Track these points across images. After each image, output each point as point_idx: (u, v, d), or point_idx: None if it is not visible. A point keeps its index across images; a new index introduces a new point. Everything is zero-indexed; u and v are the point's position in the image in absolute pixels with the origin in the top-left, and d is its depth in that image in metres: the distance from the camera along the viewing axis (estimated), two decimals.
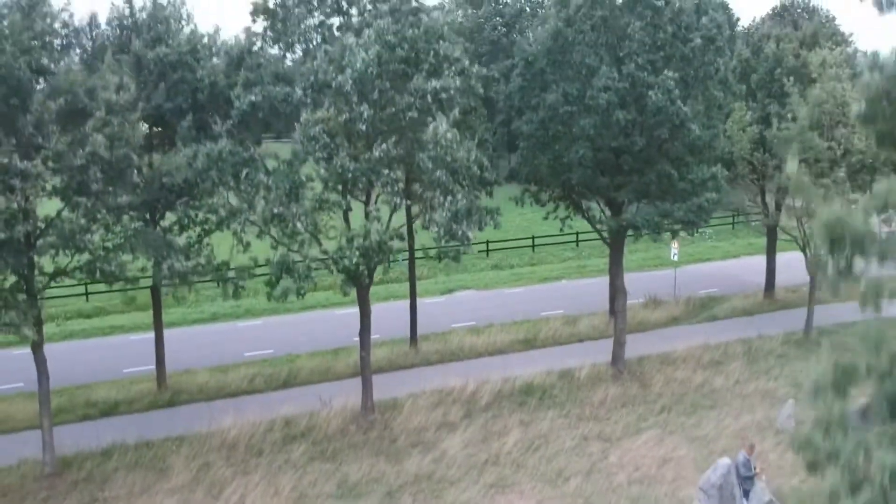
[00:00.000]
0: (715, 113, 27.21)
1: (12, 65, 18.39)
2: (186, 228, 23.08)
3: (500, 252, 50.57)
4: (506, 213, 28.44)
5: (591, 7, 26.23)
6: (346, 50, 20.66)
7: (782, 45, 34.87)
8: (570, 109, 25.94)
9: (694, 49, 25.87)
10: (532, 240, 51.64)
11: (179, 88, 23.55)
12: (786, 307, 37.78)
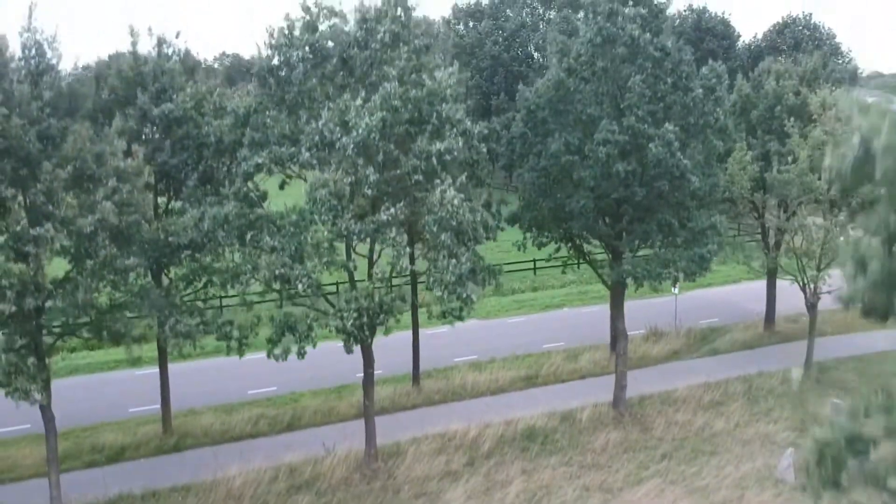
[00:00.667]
0: (715, 161, 27.42)
1: (22, 137, 18.64)
2: (192, 283, 23.32)
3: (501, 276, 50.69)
4: (506, 233, 28.73)
5: (592, 57, 26.45)
6: (351, 111, 20.88)
7: (782, 82, 35.07)
8: (571, 159, 26.17)
9: (694, 99, 26.09)
10: (533, 262, 51.82)
11: (185, 144, 23.80)
12: (786, 339, 38.01)
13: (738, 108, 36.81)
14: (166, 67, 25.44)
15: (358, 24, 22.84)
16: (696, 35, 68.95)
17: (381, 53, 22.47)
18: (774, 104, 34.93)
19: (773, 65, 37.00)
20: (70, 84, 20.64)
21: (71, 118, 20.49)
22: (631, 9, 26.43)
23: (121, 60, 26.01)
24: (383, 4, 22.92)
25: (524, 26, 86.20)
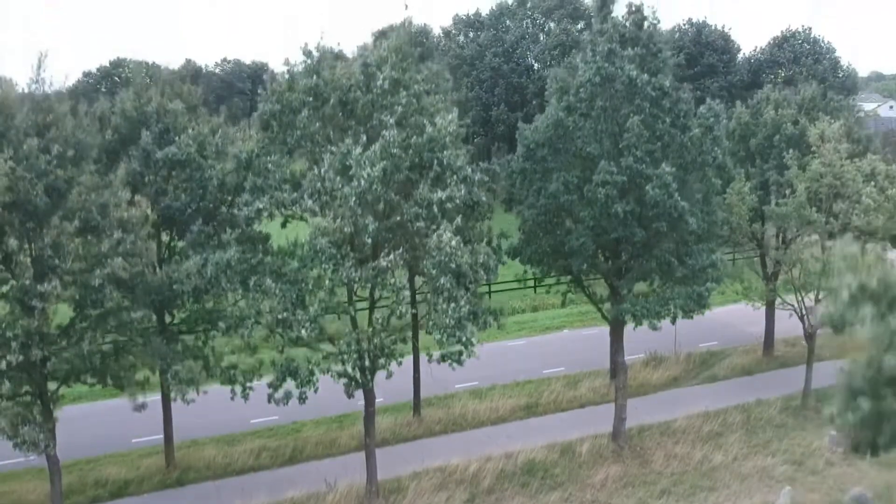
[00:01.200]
0: (713, 198, 27.61)
1: (30, 191, 18.87)
2: (194, 327, 23.56)
3: (501, 294, 50.98)
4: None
5: (591, 96, 26.66)
6: (352, 159, 21.10)
7: (781, 112, 35.27)
8: (570, 198, 26.38)
9: (692, 138, 26.29)
10: (534, 280, 51.96)
11: (187, 186, 24.02)
12: (785, 365, 38.23)
13: (737, 135, 37.05)
14: (169, 108, 25.64)
15: (360, 68, 23.04)
16: (696, 49, 69.17)
17: (381, 98, 22.67)
18: (773, 133, 35.16)
19: (772, 93, 37.16)
20: (77, 136, 20.73)
21: (77, 168, 20.67)
22: (629, 50, 26.59)
23: (124, 100, 26.21)
24: (384, 51, 23.12)
25: (524, 38, 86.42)
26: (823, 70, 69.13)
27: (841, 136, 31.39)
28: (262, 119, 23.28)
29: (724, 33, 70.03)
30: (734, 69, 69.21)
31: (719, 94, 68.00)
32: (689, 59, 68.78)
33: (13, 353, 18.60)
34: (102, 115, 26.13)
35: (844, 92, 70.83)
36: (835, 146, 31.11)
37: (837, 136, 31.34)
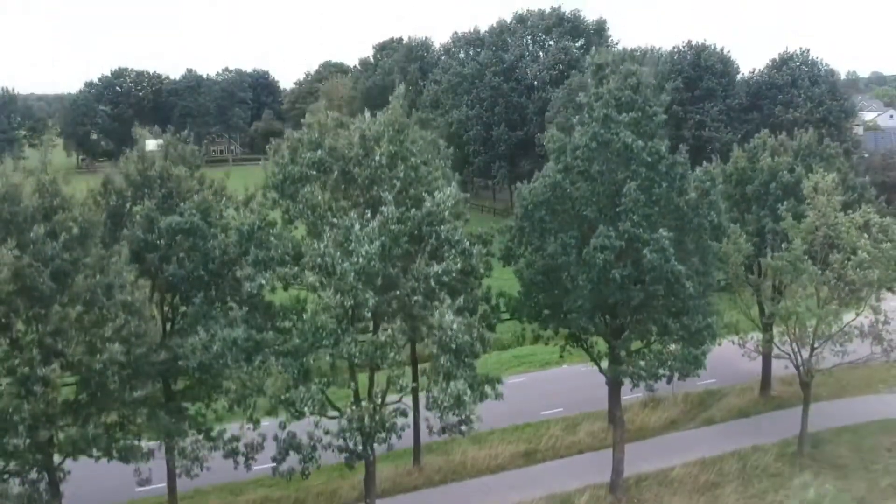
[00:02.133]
0: (710, 260, 27.94)
1: (36, 278, 19.26)
2: (198, 398, 23.95)
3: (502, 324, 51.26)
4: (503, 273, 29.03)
5: (588, 160, 27.02)
6: (352, 235, 21.49)
7: (777, 159, 35.63)
8: (568, 260, 26.75)
9: (688, 201, 26.65)
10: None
11: (191, 256, 24.40)
12: (781, 406, 38.58)
13: (734, 180, 37.45)
14: (173, 172, 26.02)
15: (359, 142, 23.43)
16: (695, 73, 69.52)
17: (380, 172, 23.06)
18: (769, 180, 35.54)
19: (769, 139, 37.52)
20: (84, 216, 21.14)
21: (83, 246, 21.06)
22: (625, 115, 26.91)
23: (128, 163, 26.59)
24: (381, 126, 23.50)
25: (523, 57, 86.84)
26: (821, 93, 69.44)
27: (835, 189, 31.75)
28: (265, 189, 23.77)
29: (723, 56, 70.39)
30: (733, 93, 69.50)
31: (718, 117, 68.48)
32: (688, 83, 69.18)
33: (20, 437, 18.99)
34: (107, 180, 26.47)
35: (843, 114, 71.33)
36: (829, 198, 31.49)
37: (831, 188, 31.70)
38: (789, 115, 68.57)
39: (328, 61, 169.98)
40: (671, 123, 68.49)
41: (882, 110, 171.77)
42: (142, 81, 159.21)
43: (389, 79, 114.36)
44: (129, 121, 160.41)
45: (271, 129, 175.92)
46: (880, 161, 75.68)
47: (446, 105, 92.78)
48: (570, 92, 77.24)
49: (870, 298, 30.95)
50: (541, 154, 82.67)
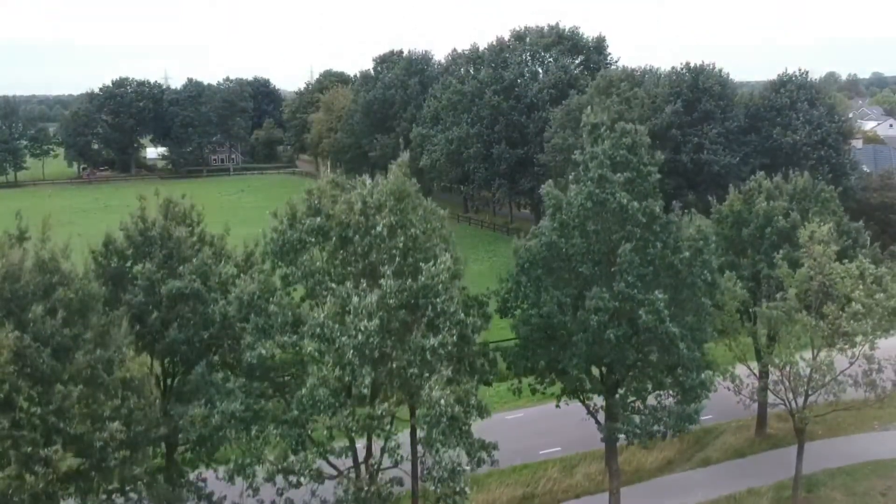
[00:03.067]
0: (704, 318, 28.20)
1: (36, 358, 19.58)
2: (198, 465, 24.29)
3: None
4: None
5: (584, 219, 27.30)
6: (349, 306, 21.78)
7: (772, 204, 35.89)
8: (564, 319, 27.04)
9: (682, 260, 26.92)
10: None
11: (191, 320, 24.70)
12: (777, 445, 38.87)
13: (730, 222, 37.73)
14: (174, 234, 26.32)
15: (360, 209, 23.70)
16: (694, 95, 69.77)
17: (379, 242, 23.34)
18: (765, 225, 35.80)
19: (765, 181, 37.78)
20: (84, 289, 21.45)
21: (84, 319, 21.37)
22: (620, 175, 27.17)
23: (129, 226, 26.91)
24: (382, 196, 23.77)
25: (523, 75, 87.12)
26: (820, 115, 69.67)
27: (830, 239, 32.01)
28: (264, 255, 24.12)
29: (721, 78, 70.64)
30: (731, 115, 69.75)
31: (717, 140, 68.71)
32: (687, 105, 69.41)
33: None
34: (108, 240, 26.79)
35: (841, 136, 71.56)
36: (824, 248, 31.75)
37: (827, 238, 31.97)
38: (788, 137, 68.81)
39: (329, 70, 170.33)
40: (669, 146, 68.81)
41: (882, 118, 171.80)
42: (143, 91, 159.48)
43: (390, 93, 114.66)
44: (130, 130, 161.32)
45: (272, 138, 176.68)
46: (879, 181, 75.83)
47: (446, 122, 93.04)
48: (568, 112, 77.54)
49: (864, 348, 31.23)
50: (540, 173, 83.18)
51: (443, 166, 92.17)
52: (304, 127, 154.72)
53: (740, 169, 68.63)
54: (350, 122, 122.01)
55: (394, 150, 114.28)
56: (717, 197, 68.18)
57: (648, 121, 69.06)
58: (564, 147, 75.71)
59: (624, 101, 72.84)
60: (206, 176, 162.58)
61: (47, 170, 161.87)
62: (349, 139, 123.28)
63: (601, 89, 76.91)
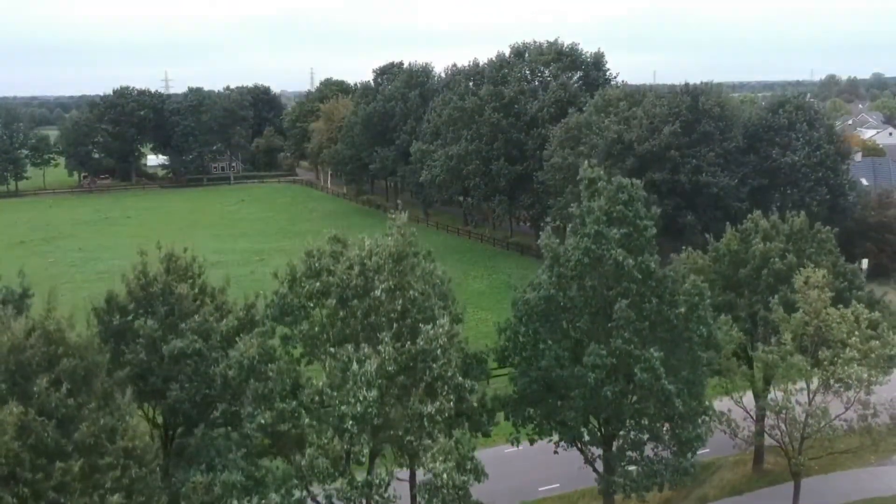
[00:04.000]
0: (700, 371, 28.48)
1: (41, 432, 19.86)
2: None
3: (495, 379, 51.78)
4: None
5: (581, 274, 27.59)
6: (349, 374, 22.08)
7: (769, 245, 36.16)
8: (561, 374, 27.35)
9: (678, 315, 27.21)
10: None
11: (193, 380, 25.01)
12: (774, 482, 39.08)
13: (727, 261, 37.99)
14: (176, 291, 26.63)
15: (359, 272, 24.00)
16: (692, 116, 70.00)
17: (377, 304, 23.65)
18: (761, 266, 36.07)
19: (761, 220, 38.04)
20: (88, 357, 21.75)
21: (87, 386, 21.66)
22: (616, 230, 27.43)
23: (131, 282, 27.22)
24: (381, 260, 24.08)
25: (522, 93, 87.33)
26: (819, 137, 69.94)
27: (825, 283, 32.31)
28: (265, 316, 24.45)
29: (720, 101, 70.89)
30: (730, 136, 70.01)
31: (715, 161, 68.96)
32: (685, 126, 69.64)
33: None
34: (110, 297, 27.10)
35: (839, 157, 71.84)
36: (819, 293, 32.05)
37: (822, 283, 32.28)
38: (787, 158, 69.08)
39: (329, 79, 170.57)
40: (668, 168, 69.12)
41: (882, 126, 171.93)
42: (144, 100, 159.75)
43: (390, 105, 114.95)
44: (131, 139, 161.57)
45: (272, 146, 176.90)
46: (877, 200, 76.12)
47: (447, 137, 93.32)
48: (567, 131, 77.83)
49: (860, 393, 31.55)
50: (540, 190, 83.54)
51: (442, 182, 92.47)
52: (305, 136, 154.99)
53: (739, 190, 69.00)
54: (350, 134, 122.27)
55: (393, 162, 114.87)
56: (714, 218, 69.26)
57: (647, 141, 69.55)
58: (563, 166, 76.06)
59: (623, 121, 73.22)
60: (206, 185, 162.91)
61: (48, 178, 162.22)
62: (349, 151, 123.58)
63: (600, 108, 77.26)
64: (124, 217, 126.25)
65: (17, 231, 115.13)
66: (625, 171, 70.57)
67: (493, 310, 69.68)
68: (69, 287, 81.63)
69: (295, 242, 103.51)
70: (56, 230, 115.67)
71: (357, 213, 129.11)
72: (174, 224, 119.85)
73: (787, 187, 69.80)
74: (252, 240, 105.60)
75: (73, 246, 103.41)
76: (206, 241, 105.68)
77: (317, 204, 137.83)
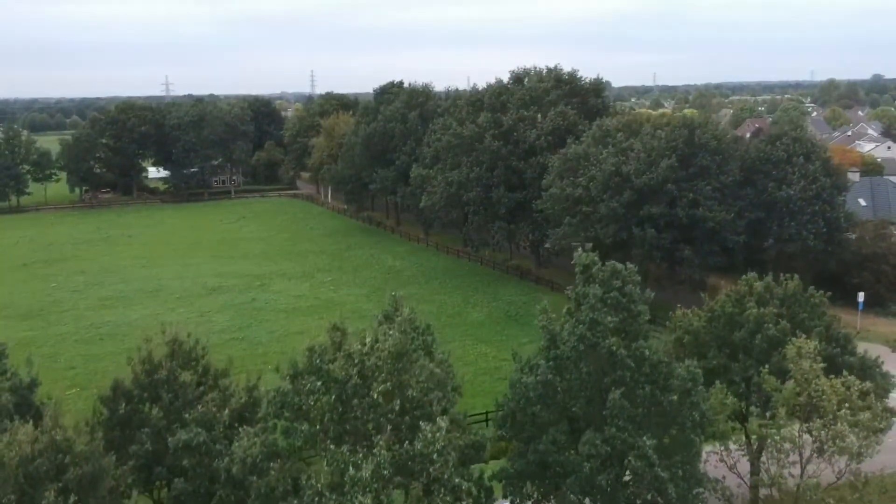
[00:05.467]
0: (693, 457, 29.04)
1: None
2: None
3: None
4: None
5: (576, 360, 28.16)
6: (346, 477, 22.64)
7: (762, 310, 36.71)
8: (558, 458, 27.93)
9: (671, 402, 27.80)
10: None
11: (197, 471, 25.61)
12: None
13: (722, 322, 38.53)
14: (180, 379, 27.24)
15: (357, 374, 24.56)
16: (689, 150, 70.58)
17: (376, 404, 24.20)
18: (755, 330, 36.60)
19: (756, 283, 38.56)
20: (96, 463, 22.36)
21: (94, 489, 22.27)
22: (610, 318, 27.95)
23: (137, 368, 27.83)
24: (380, 361, 24.62)
25: (522, 120, 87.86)
26: (815, 170, 70.53)
27: (816, 356, 32.90)
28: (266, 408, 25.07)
29: (716, 134, 71.48)
30: (727, 169, 70.60)
31: (712, 195, 69.53)
32: (682, 160, 70.22)
33: None
34: (116, 384, 27.70)
35: (835, 190, 72.43)
36: (810, 364, 32.64)
37: (813, 354, 32.87)
38: (783, 192, 69.64)
39: (330, 93, 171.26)
40: (665, 201, 69.69)
41: (880, 140, 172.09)
42: (145, 116, 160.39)
43: (390, 126, 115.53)
44: (132, 155, 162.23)
45: (273, 160, 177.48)
46: (873, 230, 76.65)
47: (446, 162, 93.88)
48: (566, 161, 78.37)
49: (852, 464, 32.17)
50: (539, 219, 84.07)
51: (442, 208, 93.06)
52: (306, 150, 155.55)
53: (736, 223, 69.56)
54: (350, 154, 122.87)
55: (393, 182, 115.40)
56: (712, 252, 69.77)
57: (644, 174, 70.10)
58: (562, 197, 76.65)
59: (620, 152, 73.81)
60: (207, 199, 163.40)
61: (49, 193, 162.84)
62: (349, 170, 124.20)
63: (598, 139, 77.88)
64: (126, 236, 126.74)
65: (20, 252, 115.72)
66: (622, 204, 71.40)
67: (492, 343, 70.22)
68: (72, 315, 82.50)
69: (296, 265, 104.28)
70: (58, 251, 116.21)
71: (358, 230, 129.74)
72: (175, 244, 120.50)
73: (785, 219, 70.37)
74: (253, 262, 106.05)
75: (75, 269, 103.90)
76: (207, 263, 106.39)
77: (317, 221, 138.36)
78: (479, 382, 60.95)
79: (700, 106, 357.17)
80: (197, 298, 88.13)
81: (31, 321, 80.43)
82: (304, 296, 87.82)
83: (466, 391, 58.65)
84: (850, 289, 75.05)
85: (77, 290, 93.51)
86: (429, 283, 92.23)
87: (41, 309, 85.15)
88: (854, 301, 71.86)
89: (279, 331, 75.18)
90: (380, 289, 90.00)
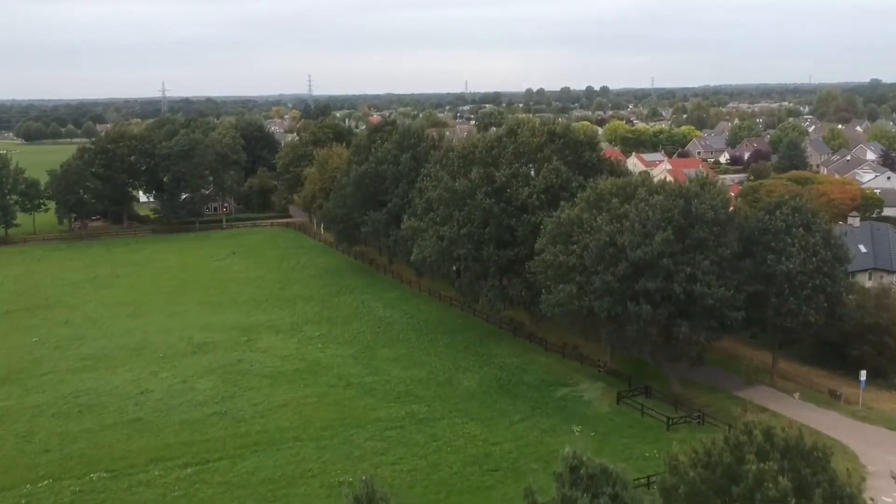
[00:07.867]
0: None
1: None
2: None
3: None
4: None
5: None
6: None
7: (762, 465, 34.66)
8: None
9: None
10: None
11: None
12: None
13: (720, 472, 36.47)
14: None
15: None
16: (686, 222, 68.51)
17: None
18: (755, 487, 34.55)
19: (755, 430, 36.52)
20: None
21: None
22: None
23: None
24: None
25: (515, 176, 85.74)
26: (815, 242, 68.52)
27: None
28: None
29: (713, 204, 69.38)
30: (725, 241, 68.54)
31: (710, 269, 67.44)
32: (678, 233, 68.19)
33: None
34: None
35: (836, 263, 70.43)
36: None
37: None
38: (782, 265, 67.56)
39: (322, 119, 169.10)
40: (661, 276, 67.53)
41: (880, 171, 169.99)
42: (135, 146, 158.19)
43: (382, 168, 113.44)
44: (122, 184, 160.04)
45: (266, 187, 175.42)
46: (874, 300, 74.74)
47: (437, 213, 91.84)
48: (559, 226, 76.20)
49: None
50: (532, 280, 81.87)
51: (433, 262, 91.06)
52: (298, 180, 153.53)
53: (735, 298, 67.47)
54: (342, 195, 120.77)
55: (386, 225, 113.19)
56: (710, 328, 67.79)
57: (640, 247, 67.98)
58: (555, 263, 74.52)
59: (615, 219, 71.68)
60: (198, 230, 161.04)
61: (38, 221, 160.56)
62: (341, 210, 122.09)
63: (592, 203, 75.80)
64: (113, 276, 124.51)
65: (3, 295, 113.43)
66: (617, 277, 69.25)
67: (482, 420, 68.03)
68: (52, 379, 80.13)
69: (284, 314, 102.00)
70: (42, 295, 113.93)
71: (350, 270, 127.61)
72: (163, 285, 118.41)
73: (784, 293, 68.34)
74: (241, 310, 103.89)
75: (59, 318, 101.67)
76: (194, 310, 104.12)
77: (308, 258, 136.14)
78: (466, 474, 58.90)
79: (697, 119, 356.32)
80: (181, 358, 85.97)
81: (8, 387, 78.19)
82: (290, 356, 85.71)
83: (452, 488, 57.16)
84: (851, 361, 73.24)
85: (59, 346, 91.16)
86: (419, 341, 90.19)
87: (20, 371, 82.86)
88: (856, 371, 70.31)
89: (263, 403, 73.03)
90: (369, 347, 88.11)
